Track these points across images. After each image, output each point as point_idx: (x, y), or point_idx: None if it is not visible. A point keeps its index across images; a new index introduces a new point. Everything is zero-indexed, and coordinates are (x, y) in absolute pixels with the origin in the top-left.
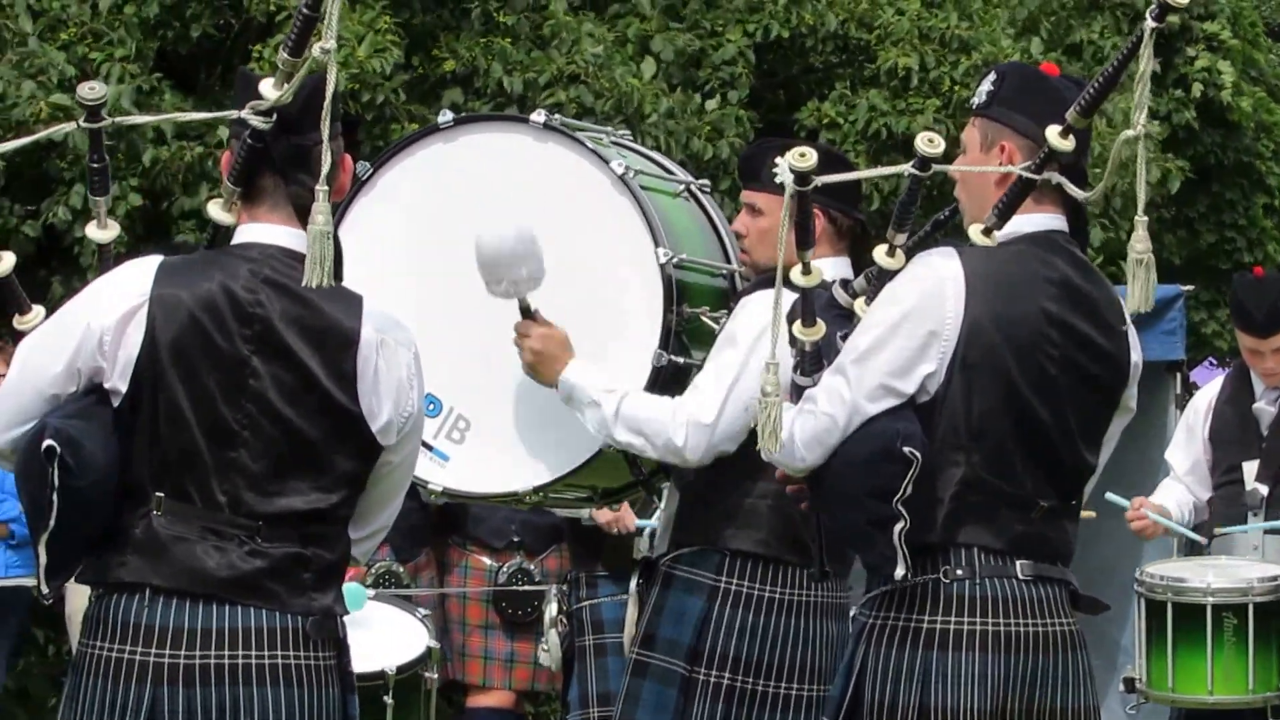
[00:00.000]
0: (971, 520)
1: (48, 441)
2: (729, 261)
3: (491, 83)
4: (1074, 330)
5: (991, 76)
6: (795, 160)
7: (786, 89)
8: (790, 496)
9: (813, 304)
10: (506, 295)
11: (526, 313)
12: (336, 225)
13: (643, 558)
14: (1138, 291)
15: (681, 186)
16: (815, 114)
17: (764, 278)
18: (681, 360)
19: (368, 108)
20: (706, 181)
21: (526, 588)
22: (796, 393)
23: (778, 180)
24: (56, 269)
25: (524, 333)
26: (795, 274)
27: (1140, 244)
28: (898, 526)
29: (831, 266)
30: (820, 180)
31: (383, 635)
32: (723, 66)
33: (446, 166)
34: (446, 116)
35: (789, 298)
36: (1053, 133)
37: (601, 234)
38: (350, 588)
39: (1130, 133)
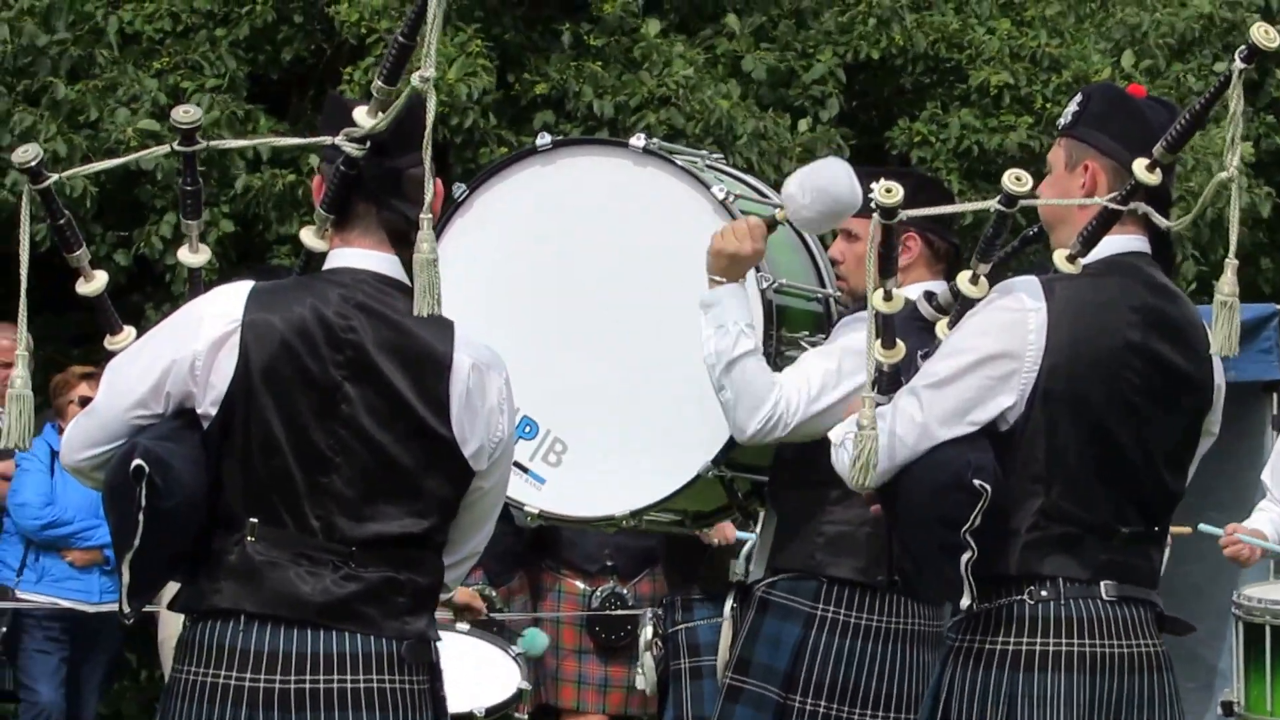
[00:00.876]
0: (1054, 550)
1: (136, 461)
2: (825, 286)
3: (582, 105)
4: (1157, 357)
5: (1078, 97)
6: (882, 195)
7: (878, 109)
8: (875, 517)
9: (893, 327)
10: (800, 218)
11: (772, 228)
12: None
13: (738, 581)
14: (1220, 334)
15: (777, 211)
16: (907, 133)
17: (859, 305)
18: None
19: (457, 131)
20: None
21: (620, 612)
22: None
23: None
24: (149, 295)
25: (754, 233)
26: (877, 299)
27: (1228, 286)
28: (965, 556)
29: (925, 288)
30: (906, 214)
31: (475, 672)
32: (813, 86)
33: (544, 189)
34: (545, 139)
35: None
36: (1139, 166)
37: (701, 258)
38: (531, 633)
39: (1223, 175)
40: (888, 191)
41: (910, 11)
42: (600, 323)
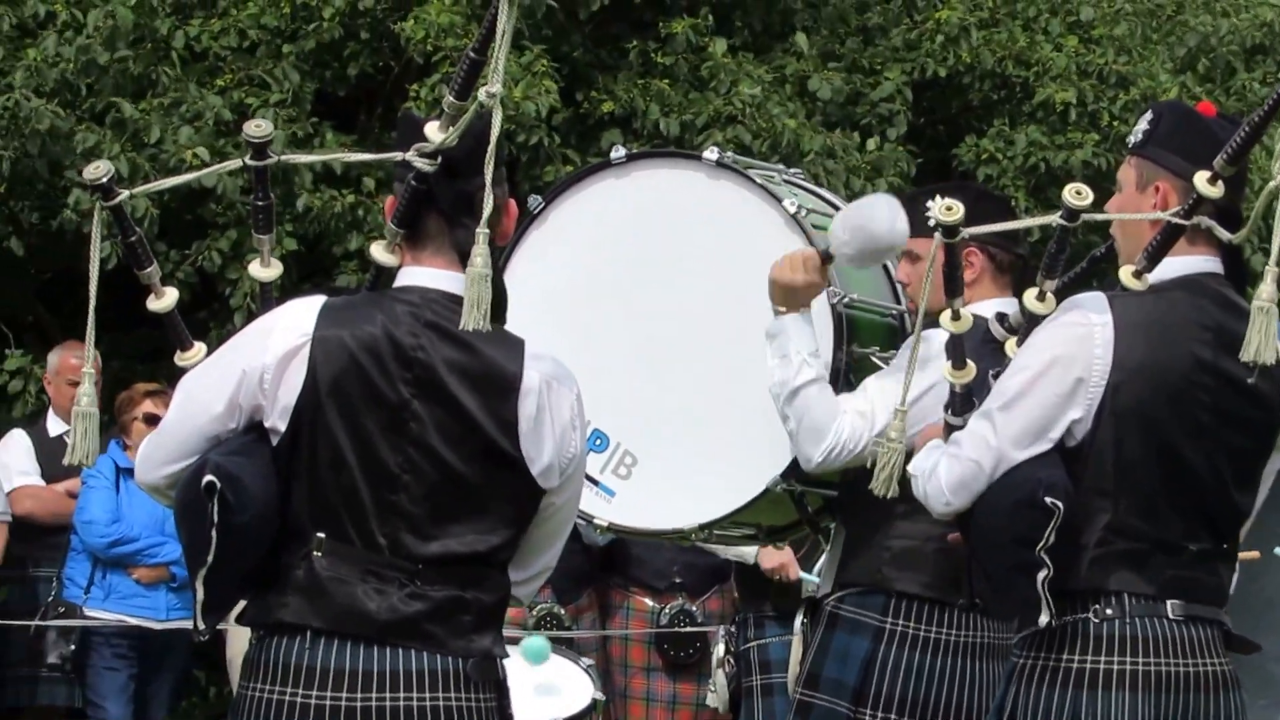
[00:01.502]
0: (1120, 565)
1: (208, 477)
2: (899, 302)
3: (649, 124)
4: (1227, 375)
5: (1148, 116)
6: (942, 214)
7: (945, 125)
8: (942, 534)
9: (962, 348)
10: (842, 255)
11: (827, 260)
12: (506, 259)
13: (807, 597)
14: (1254, 339)
15: None
16: (974, 150)
17: (928, 322)
18: None
19: (523, 149)
20: None
21: (689, 629)
22: (948, 431)
23: (930, 225)
24: (212, 313)
25: (801, 258)
26: (945, 319)
27: (1266, 293)
28: (1041, 574)
29: (994, 306)
30: (968, 232)
31: (547, 684)
32: (880, 104)
33: (617, 202)
34: (619, 152)
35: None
36: (1201, 179)
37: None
38: (533, 644)
39: (1273, 184)
40: (948, 209)
41: (978, 29)
42: (671, 335)
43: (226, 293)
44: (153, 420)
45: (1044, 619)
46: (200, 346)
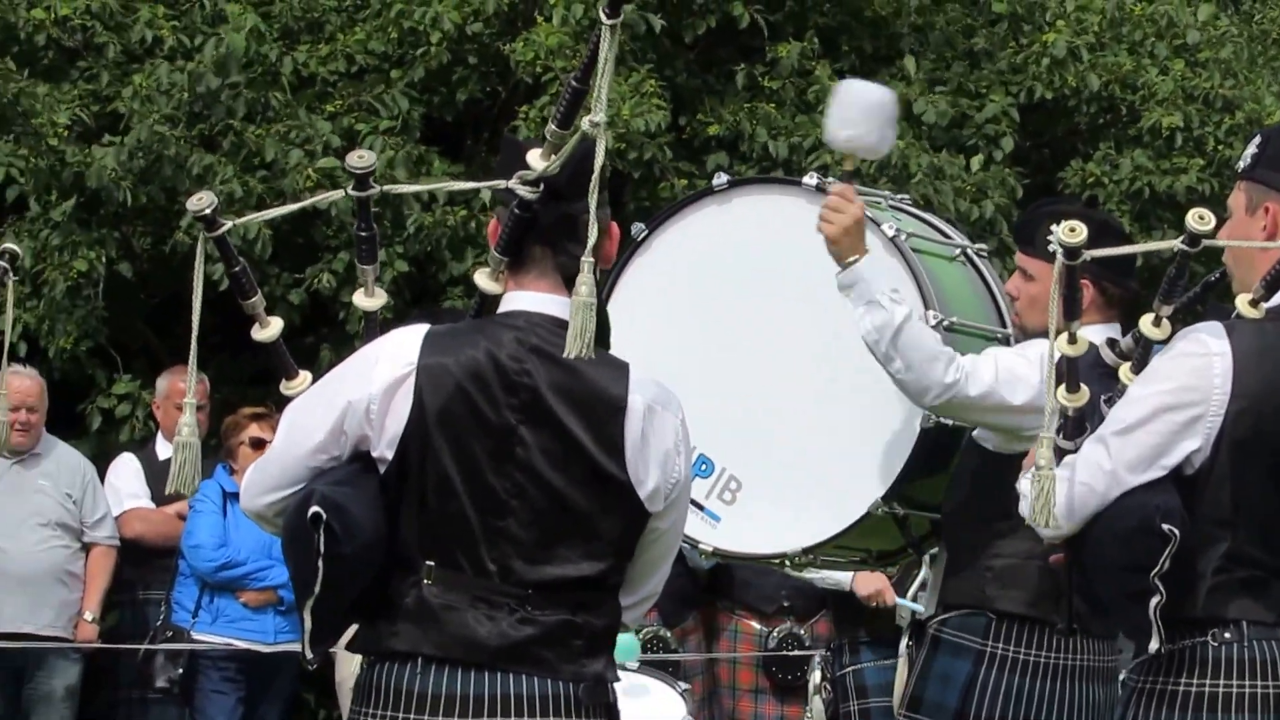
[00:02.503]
0: (1239, 593)
1: (314, 508)
2: (1004, 325)
3: (756, 147)
4: None
5: (1256, 140)
6: (1065, 235)
7: (1051, 148)
8: (1044, 551)
9: (1076, 371)
10: (842, 146)
11: (845, 177)
12: (610, 286)
13: (913, 619)
14: None
15: (958, 250)
16: (1080, 173)
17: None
18: (950, 423)
19: (634, 165)
20: (984, 246)
21: (797, 652)
22: (1059, 455)
23: (1050, 249)
24: (324, 336)
25: (844, 199)
26: (1061, 343)
27: None
28: (1154, 601)
29: (1099, 331)
30: (1090, 254)
31: (640, 707)
32: (987, 124)
33: (720, 228)
34: (721, 179)
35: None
36: None
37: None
38: (622, 639)
39: None
40: (1071, 230)
41: (1084, 52)
42: (774, 360)
43: (340, 316)
44: (258, 444)
45: (1154, 645)
46: (306, 375)
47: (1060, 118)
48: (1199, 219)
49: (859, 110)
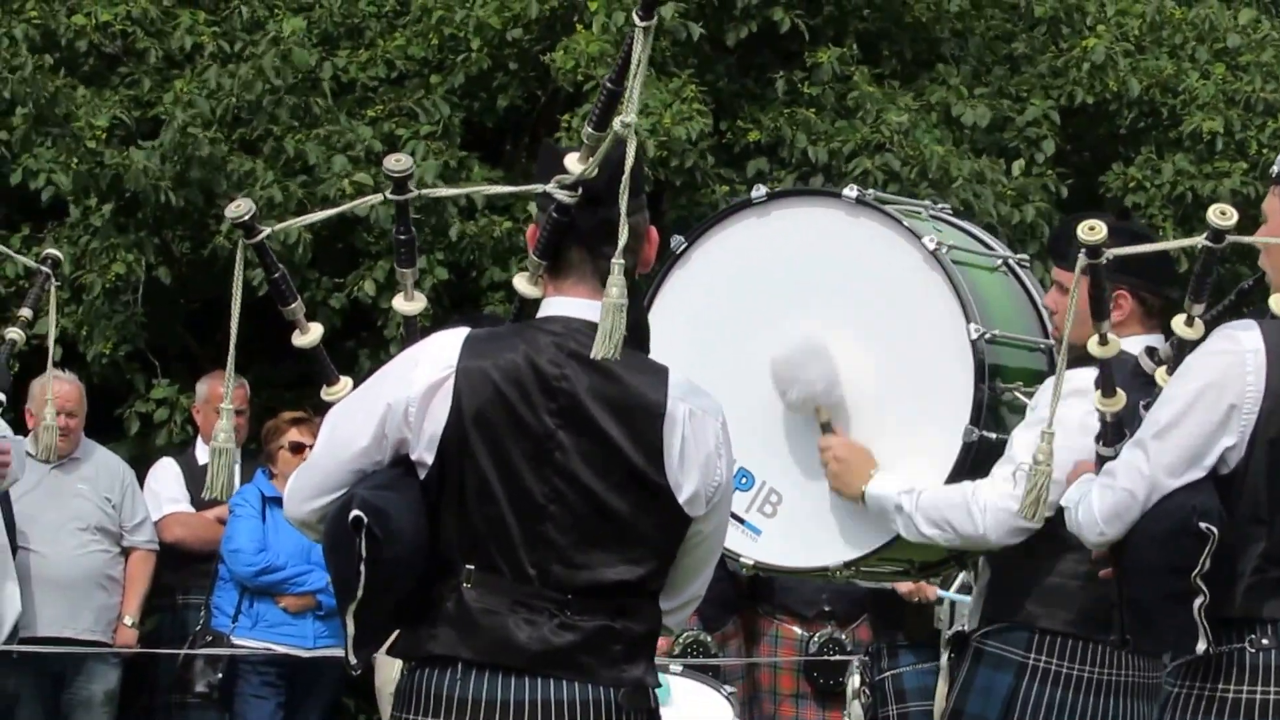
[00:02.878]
0: (1275, 593)
1: (355, 513)
2: (1046, 336)
3: (796, 152)
4: None
5: None
6: (1084, 234)
7: (1092, 153)
8: (1101, 579)
9: (1111, 375)
10: (801, 407)
11: (826, 428)
12: (650, 298)
13: (954, 631)
14: None
15: (999, 261)
16: (1121, 178)
17: (1076, 356)
18: (994, 436)
19: (676, 173)
20: (1026, 256)
21: (838, 657)
22: (1099, 463)
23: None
24: (363, 341)
25: (825, 446)
26: (1092, 345)
27: None
28: (1197, 601)
29: (1141, 342)
30: (1110, 253)
31: (686, 712)
32: (1028, 128)
33: (759, 241)
34: (759, 192)
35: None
36: None
37: (913, 309)
38: None
39: None
40: (1090, 229)
41: (1124, 57)
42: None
43: (380, 322)
44: (298, 449)
45: (1201, 646)
46: (346, 381)
47: (1101, 122)
48: (1220, 214)
49: (788, 369)
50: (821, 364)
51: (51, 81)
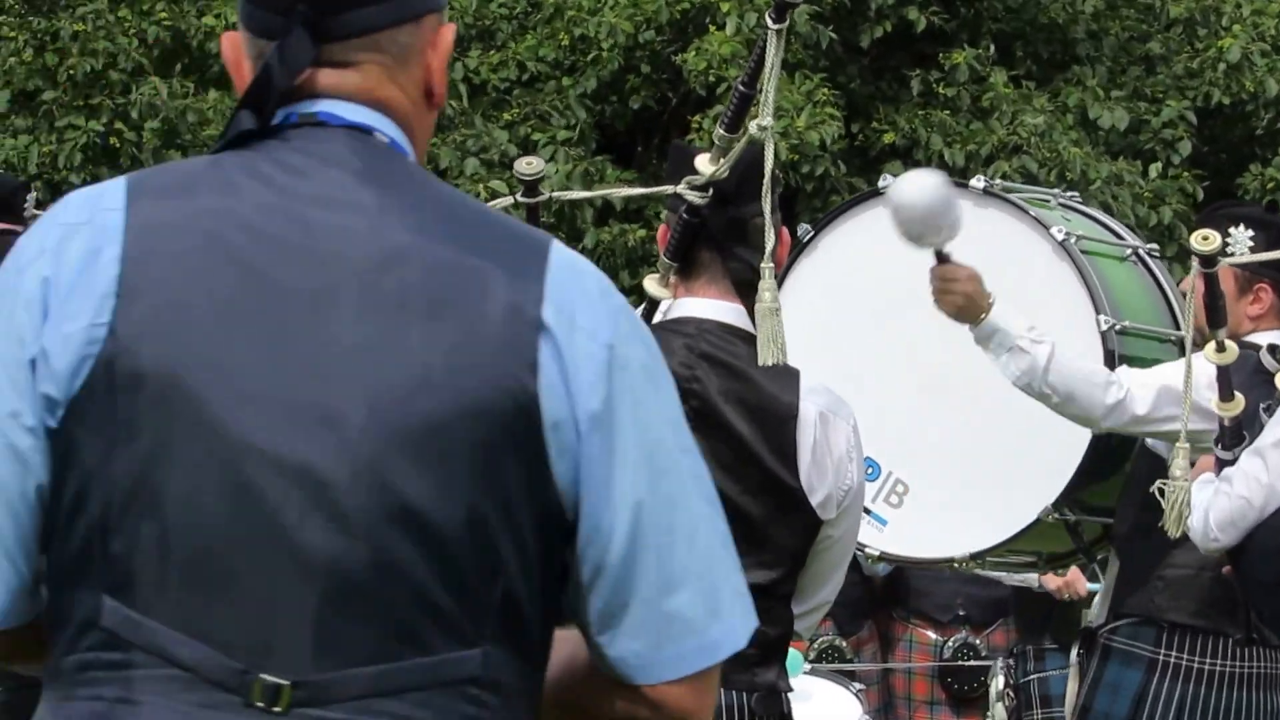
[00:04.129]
0: None
1: None
2: (1176, 327)
3: (932, 155)
4: None
5: None
6: (1198, 244)
7: (1229, 153)
8: (1217, 563)
9: (1229, 381)
10: (929, 244)
11: (945, 259)
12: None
13: (1083, 628)
14: None
15: (1129, 251)
16: (1259, 179)
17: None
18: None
19: (807, 179)
20: (1155, 246)
21: (973, 663)
22: (1219, 466)
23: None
24: None
25: (951, 276)
26: (1209, 351)
27: None
28: None
29: (1274, 338)
30: (1227, 262)
31: (818, 713)
32: (1164, 129)
33: (886, 231)
34: (888, 180)
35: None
36: None
37: (1042, 300)
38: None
39: None
40: (1204, 239)
41: (1260, 57)
42: (940, 363)
43: None
44: None
45: None
46: None
47: (1238, 122)
48: None
49: (918, 214)
50: (956, 205)
51: (181, 85)
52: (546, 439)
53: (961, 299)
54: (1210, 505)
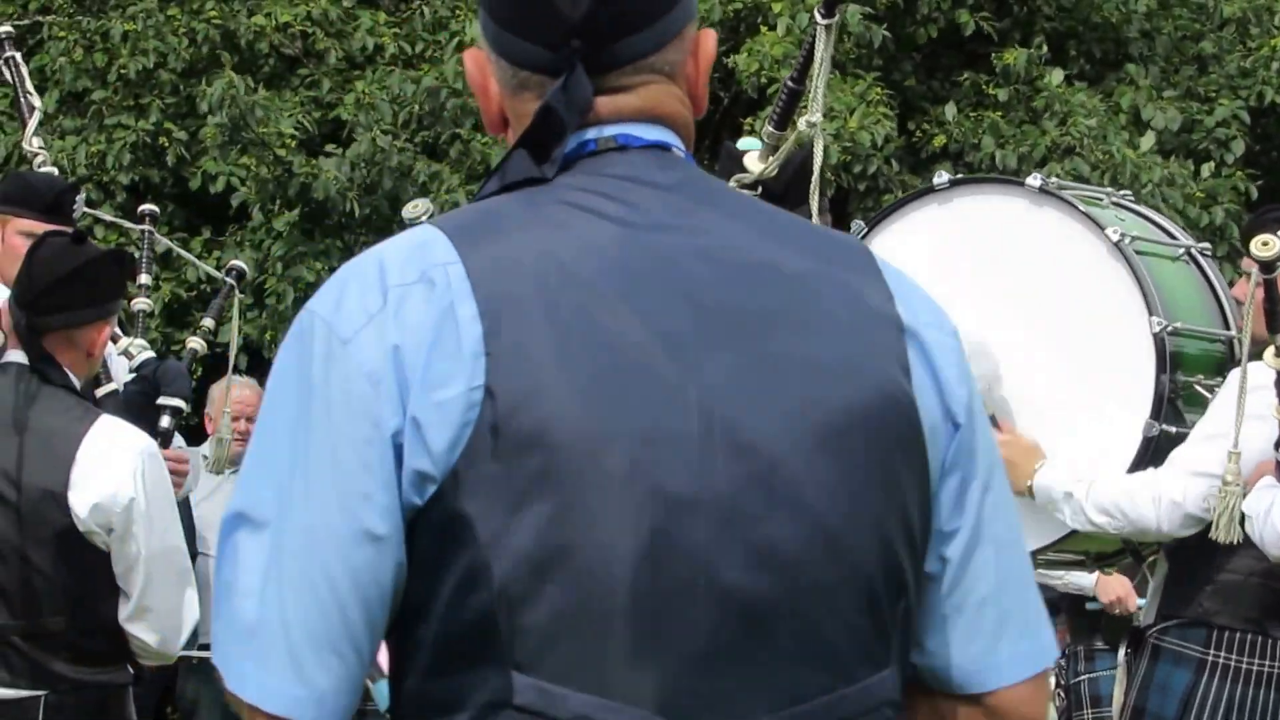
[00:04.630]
0: None
1: None
2: (1228, 328)
3: (984, 156)
4: None
5: None
6: (1258, 249)
7: None
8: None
9: None
10: None
11: (990, 422)
12: None
13: (1131, 628)
14: None
15: (1182, 250)
16: None
17: (1257, 349)
18: (1174, 430)
19: (859, 178)
20: (1208, 245)
21: None
22: (1279, 471)
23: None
24: None
25: (1005, 450)
26: (1268, 356)
27: None
28: None
29: None
30: None
31: None
32: (1217, 129)
33: (940, 228)
34: (942, 178)
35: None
36: None
37: (1094, 300)
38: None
39: None
40: (1264, 244)
41: None
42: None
43: None
44: None
45: None
46: None
47: None
48: None
49: None
50: (981, 363)
51: (245, 95)
52: (926, 441)
53: (1016, 461)
54: (1275, 512)
